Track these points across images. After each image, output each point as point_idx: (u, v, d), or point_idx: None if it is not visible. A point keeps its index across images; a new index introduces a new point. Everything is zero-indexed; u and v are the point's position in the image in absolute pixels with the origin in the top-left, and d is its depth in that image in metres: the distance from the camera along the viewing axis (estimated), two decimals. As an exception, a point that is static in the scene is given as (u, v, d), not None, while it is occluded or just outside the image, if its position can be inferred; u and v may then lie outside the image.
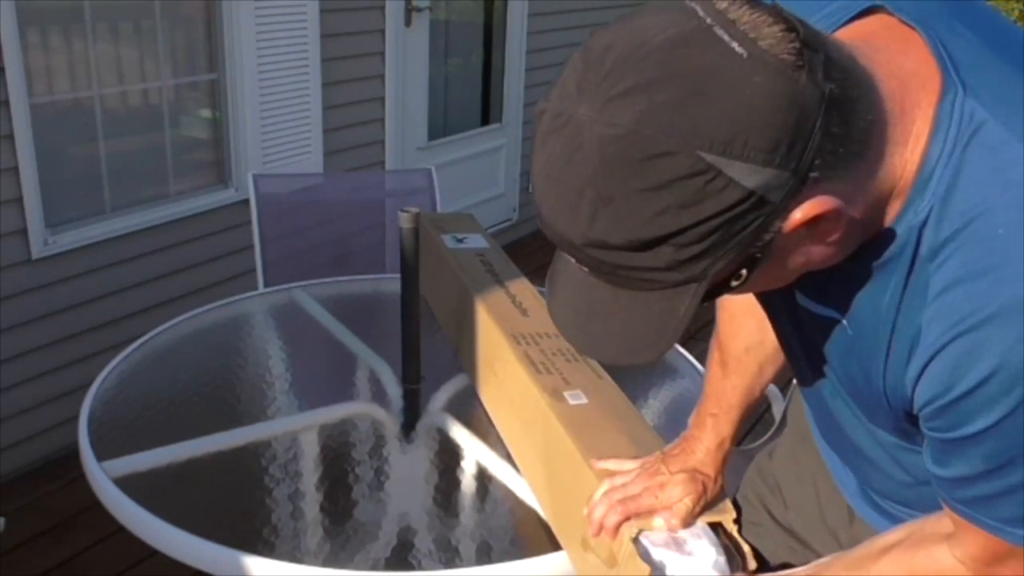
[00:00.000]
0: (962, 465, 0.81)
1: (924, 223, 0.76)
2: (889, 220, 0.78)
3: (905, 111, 0.75)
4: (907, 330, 0.80)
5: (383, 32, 3.90)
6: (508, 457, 1.51)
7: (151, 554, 1.36)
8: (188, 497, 1.52)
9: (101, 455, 1.46)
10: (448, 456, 1.61)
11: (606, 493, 1.14)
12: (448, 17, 4.54)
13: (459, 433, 1.60)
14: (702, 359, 2.14)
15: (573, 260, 0.78)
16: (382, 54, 3.92)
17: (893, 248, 0.79)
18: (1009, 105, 0.76)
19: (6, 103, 2.58)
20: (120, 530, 1.38)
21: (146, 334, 1.92)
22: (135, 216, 3.03)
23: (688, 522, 1.13)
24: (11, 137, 2.61)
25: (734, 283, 0.76)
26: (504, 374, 1.43)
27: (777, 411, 2.38)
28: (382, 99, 3.97)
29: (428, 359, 1.68)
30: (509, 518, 1.59)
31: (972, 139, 0.75)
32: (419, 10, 4.10)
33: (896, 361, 0.83)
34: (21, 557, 2.51)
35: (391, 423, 1.66)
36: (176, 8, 3.08)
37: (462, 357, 1.71)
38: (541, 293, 1.61)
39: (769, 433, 1.52)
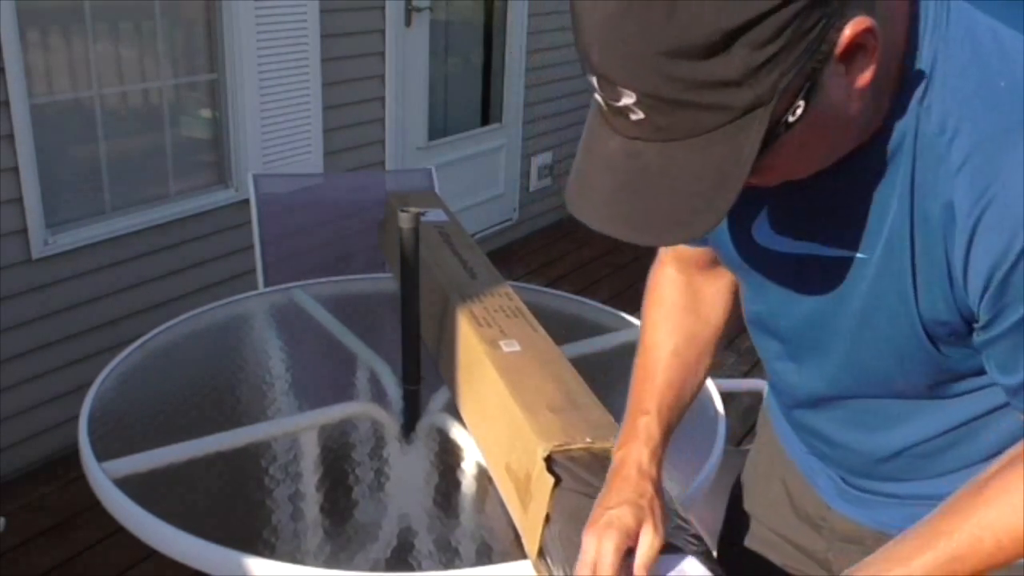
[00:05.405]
0: None
1: (922, 98, 0.78)
2: (883, 112, 0.80)
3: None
4: (933, 213, 0.79)
5: (383, 32, 3.90)
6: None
7: (151, 554, 1.36)
8: (188, 497, 1.52)
9: (101, 455, 1.46)
10: (448, 456, 1.61)
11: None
12: (448, 17, 4.54)
13: (459, 433, 1.59)
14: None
15: (616, 132, 0.75)
16: (382, 54, 3.92)
17: (895, 136, 0.80)
18: None
19: (6, 103, 2.58)
20: (120, 530, 1.38)
21: (146, 334, 1.92)
22: (135, 216, 3.03)
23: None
24: (11, 137, 2.61)
25: (790, 118, 0.72)
26: (450, 328, 1.60)
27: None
28: (382, 99, 3.97)
29: (428, 359, 1.68)
30: (509, 519, 1.59)
31: (950, 11, 0.78)
32: (419, 10, 4.10)
33: (929, 261, 0.81)
34: (21, 557, 2.51)
35: (391, 423, 1.66)
36: (176, 8, 3.08)
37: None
38: (493, 264, 1.75)
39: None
